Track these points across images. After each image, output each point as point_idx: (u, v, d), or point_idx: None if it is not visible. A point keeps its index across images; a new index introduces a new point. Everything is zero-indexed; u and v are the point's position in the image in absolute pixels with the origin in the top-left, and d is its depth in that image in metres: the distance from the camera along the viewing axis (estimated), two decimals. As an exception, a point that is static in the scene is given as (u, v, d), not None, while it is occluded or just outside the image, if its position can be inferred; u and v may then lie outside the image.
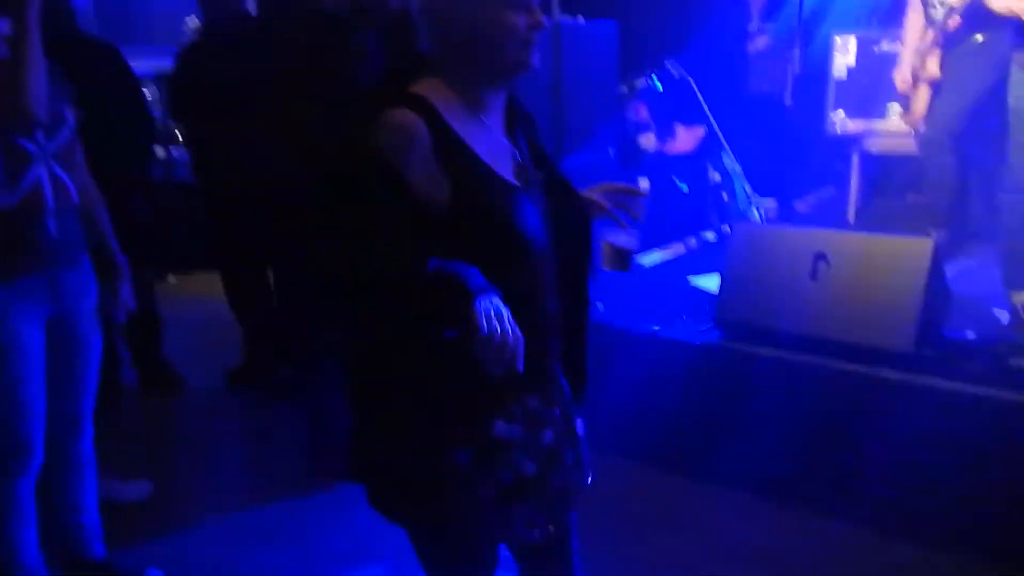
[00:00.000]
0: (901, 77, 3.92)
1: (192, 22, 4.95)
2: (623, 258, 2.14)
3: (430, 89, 1.42)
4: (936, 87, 3.76)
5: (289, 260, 3.27)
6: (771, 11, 3.93)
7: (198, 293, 5.05)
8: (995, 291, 3.36)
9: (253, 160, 3.17)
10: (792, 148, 4.56)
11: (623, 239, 2.08)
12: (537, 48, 1.42)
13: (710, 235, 4.61)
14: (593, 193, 1.68)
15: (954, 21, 3.58)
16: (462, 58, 1.43)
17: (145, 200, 3.36)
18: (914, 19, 3.85)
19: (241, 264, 3.97)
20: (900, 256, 2.86)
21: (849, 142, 4.65)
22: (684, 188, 4.61)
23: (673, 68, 4.62)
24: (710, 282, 3.77)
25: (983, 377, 2.67)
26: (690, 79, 4.58)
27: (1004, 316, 3.14)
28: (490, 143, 1.46)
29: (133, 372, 3.93)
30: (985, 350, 2.84)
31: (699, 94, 4.55)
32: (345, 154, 1.41)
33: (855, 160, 4.62)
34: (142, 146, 3.53)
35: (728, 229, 4.44)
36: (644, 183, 4.46)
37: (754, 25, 3.91)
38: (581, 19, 3.67)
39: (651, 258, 4.30)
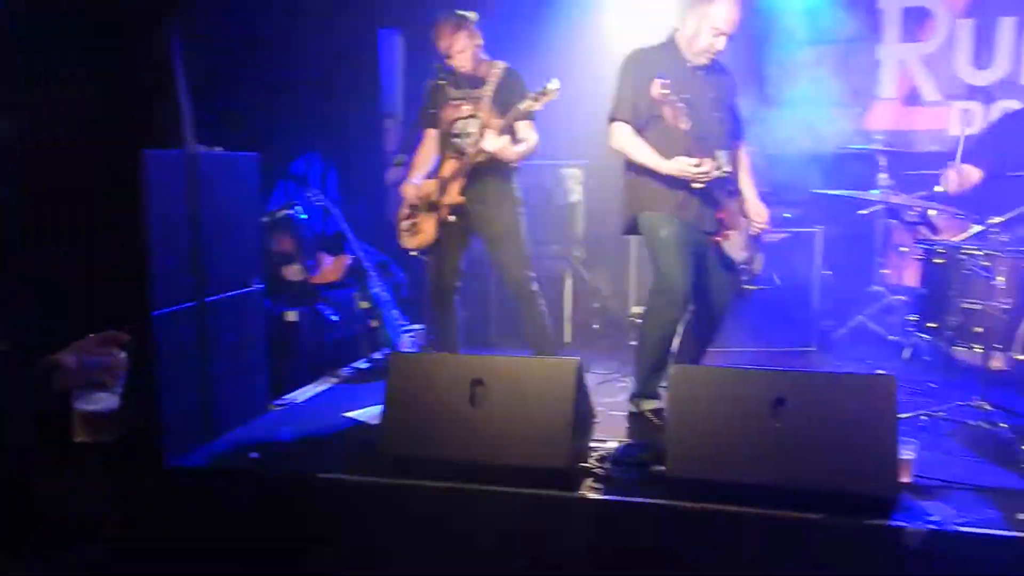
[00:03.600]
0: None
1: None
2: (103, 425, 1.76)
3: None
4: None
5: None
6: (410, 142, 4.11)
7: None
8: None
9: None
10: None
11: (101, 402, 1.74)
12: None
13: (363, 365, 4.54)
14: (66, 356, 1.49)
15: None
16: None
17: None
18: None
19: None
20: (549, 376, 2.99)
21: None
22: (335, 318, 4.51)
23: (315, 198, 4.59)
24: (367, 414, 3.68)
25: (633, 485, 2.85)
26: (334, 208, 4.57)
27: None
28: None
29: None
30: (630, 459, 3.04)
31: (343, 223, 4.55)
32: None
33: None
34: None
35: (382, 358, 4.42)
36: (292, 316, 4.29)
37: (400, 159, 4.01)
38: (220, 149, 3.48)
39: (304, 393, 4.10)
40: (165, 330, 3.13)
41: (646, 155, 3.42)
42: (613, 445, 3.21)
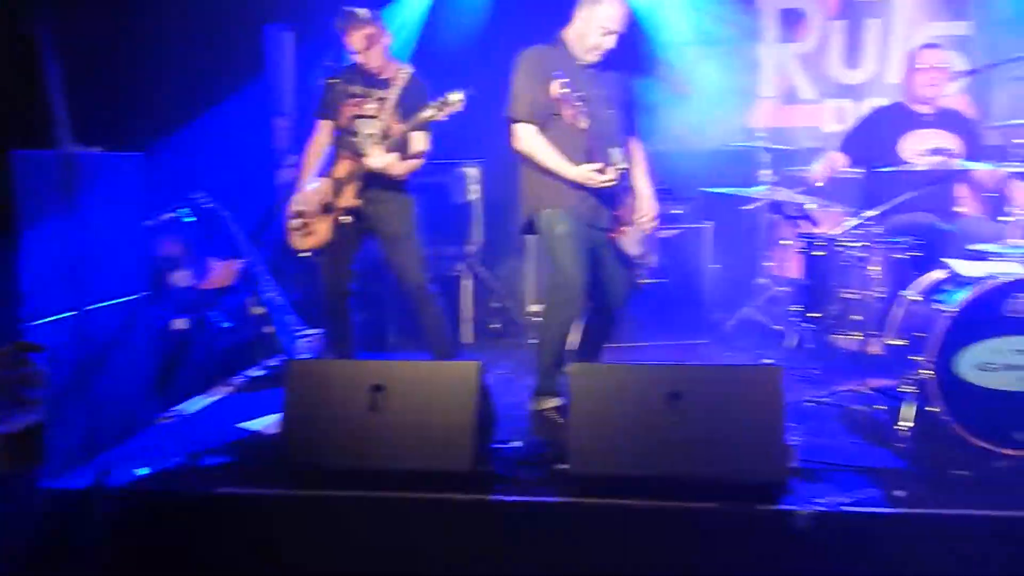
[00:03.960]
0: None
1: None
2: (25, 449, 1.61)
3: None
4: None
5: None
6: (299, 144, 4.02)
7: None
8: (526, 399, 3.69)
9: None
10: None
11: (20, 420, 1.60)
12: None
13: (258, 372, 4.41)
14: None
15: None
16: None
17: None
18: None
19: None
20: (450, 379, 2.98)
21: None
22: (226, 324, 4.37)
23: (203, 200, 4.42)
24: (264, 424, 3.57)
25: (537, 485, 2.87)
26: (222, 211, 4.42)
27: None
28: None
29: None
30: (533, 458, 3.07)
31: (233, 226, 4.40)
32: None
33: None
34: None
35: (277, 365, 4.30)
36: (181, 324, 4.13)
37: (293, 159, 3.90)
38: (99, 150, 3.30)
39: (195, 404, 3.95)
40: (39, 342, 2.95)
41: (552, 159, 3.44)
42: (516, 445, 3.23)
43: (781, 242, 5.13)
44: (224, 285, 4.57)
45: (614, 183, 3.38)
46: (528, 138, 3.48)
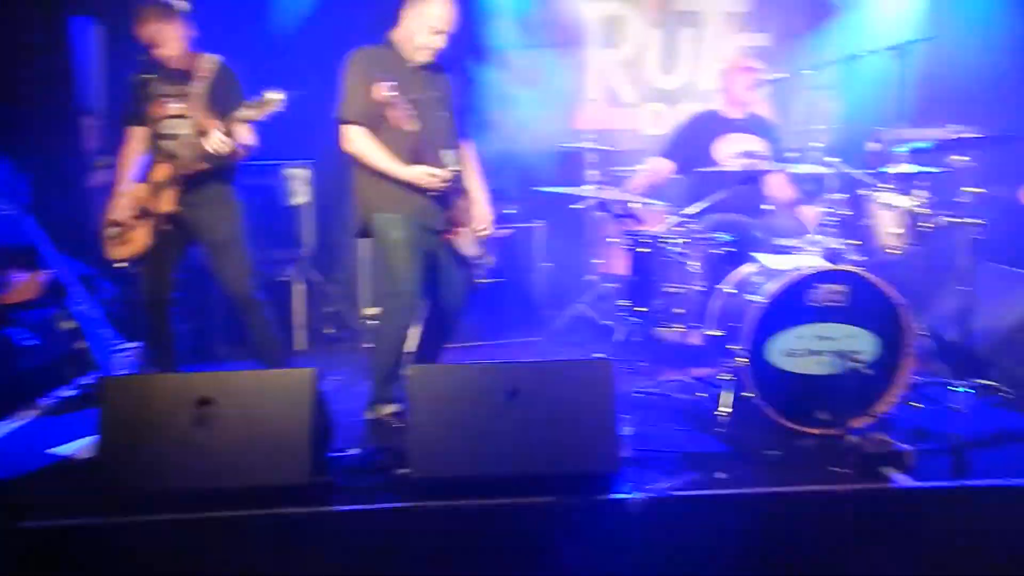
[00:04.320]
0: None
1: None
2: None
3: None
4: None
5: None
6: (115, 141, 3.76)
7: None
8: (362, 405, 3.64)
9: None
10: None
11: None
12: None
13: (69, 392, 4.09)
14: None
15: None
16: None
17: None
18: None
19: None
20: (284, 388, 2.89)
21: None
22: (31, 342, 4.02)
23: (2, 207, 4.05)
24: (77, 448, 3.32)
25: (377, 492, 2.83)
26: (25, 217, 4.07)
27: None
28: None
29: None
30: (373, 466, 3.02)
31: (38, 233, 4.06)
32: None
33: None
34: None
35: (90, 383, 4.00)
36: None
37: (102, 160, 3.65)
38: None
39: (-3, 430, 3.62)
40: None
41: (383, 161, 3.41)
42: (354, 453, 3.17)
43: (609, 240, 5.33)
44: (28, 299, 4.20)
45: (447, 185, 3.39)
46: (358, 140, 3.43)
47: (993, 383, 3.78)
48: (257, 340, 3.78)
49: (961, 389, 3.55)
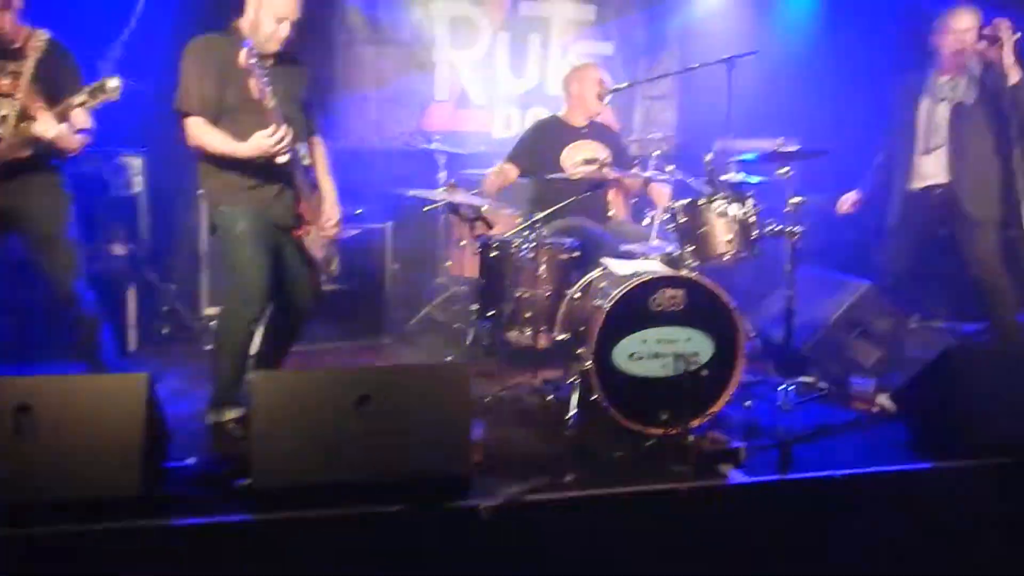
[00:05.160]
0: None
1: None
2: None
3: None
4: None
5: None
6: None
7: None
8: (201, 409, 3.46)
9: None
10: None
11: None
12: None
13: None
14: None
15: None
16: None
17: None
18: None
19: None
20: (114, 394, 2.71)
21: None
22: None
23: None
24: None
25: (216, 504, 2.70)
26: None
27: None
28: None
29: None
30: (212, 476, 2.88)
31: None
32: None
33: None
34: None
35: None
36: None
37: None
38: None
39: None
40: None
41: (222, 143, 3.24)
42: (192, 462, 3.01)
43: (460, 243, 5.34)
44: None
45: (289, 144, 3.25)
46: (199, 131, 3.27)
47: (812, 380, 4.09)
48: (82, 341, 3.52)
49: (785, 387, 3.81)
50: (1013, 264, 4.37)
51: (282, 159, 3.24)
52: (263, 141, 3.18)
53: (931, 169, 4.37)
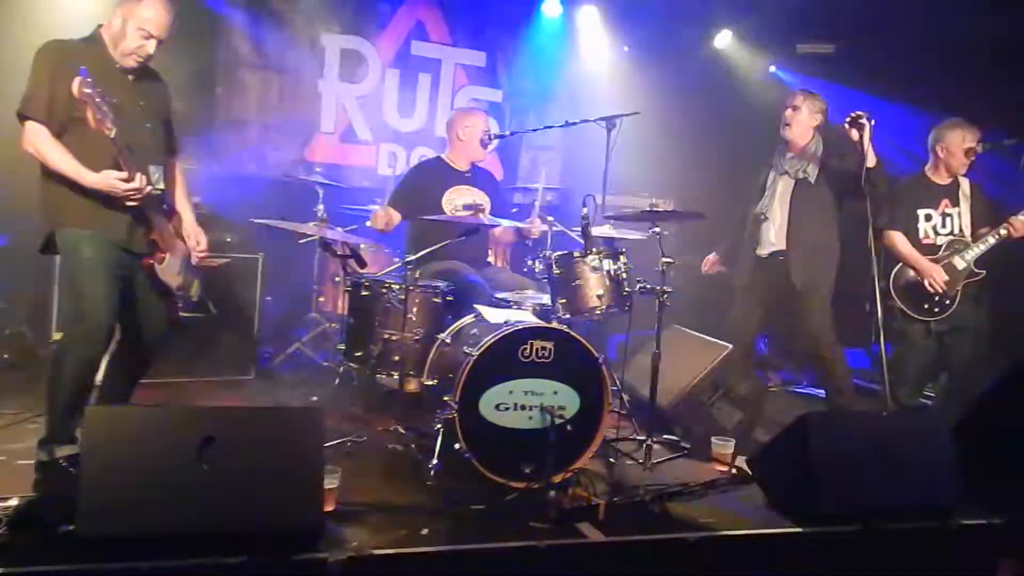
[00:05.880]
0: None
1: None
2: None
3: None
4: None
5: None
6: None
7: None
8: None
9: None
10: None
11: None
12: None
13: None
14: None
15: None
16: None
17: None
18: None
19: None
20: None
21: None
22: None
23: None
24: None
25: (37, 551, 2.46)
26: None
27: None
28: None
29: None
30: (34, 519, 2.62)
31: None
32: None
33: None
34: None
35: None
36: None
37: None
38: None
39: None
40: None
41: (66, 164, 3.04)
42: (13, 503, 2.74)
43: (335, 278, 5.20)
44: None
45: (141, 196, 3.08)
46: (38, 140, 3.05)
47: (676, 438, 4.14)
48: None
49: (648, 444, 3.83)
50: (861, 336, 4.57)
51: (131, 204, 3.07)
52: (116, 183, 3.00)
53: (772, 237, 4.61)
